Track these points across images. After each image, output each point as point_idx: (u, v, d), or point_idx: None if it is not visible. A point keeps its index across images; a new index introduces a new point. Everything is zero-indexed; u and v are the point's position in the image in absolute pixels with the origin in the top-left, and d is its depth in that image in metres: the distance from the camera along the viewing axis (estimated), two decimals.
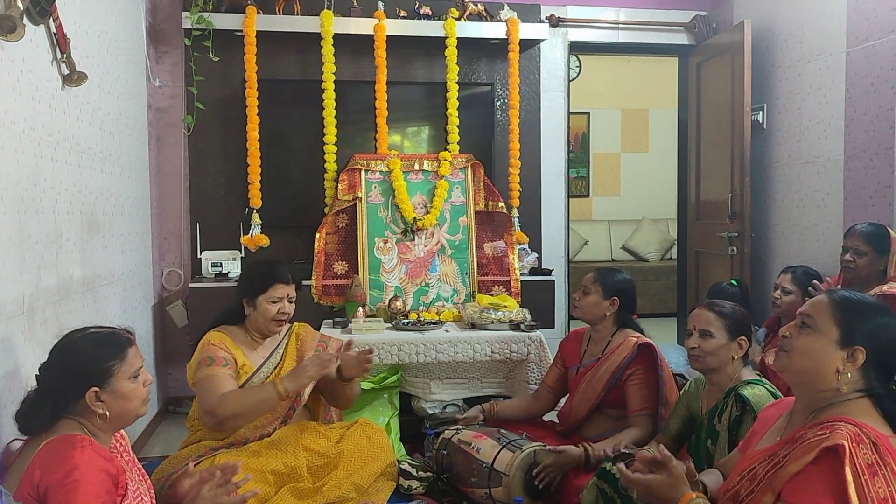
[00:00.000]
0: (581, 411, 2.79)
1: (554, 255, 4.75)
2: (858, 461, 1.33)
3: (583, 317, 2.89)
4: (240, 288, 2.66)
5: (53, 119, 2.46)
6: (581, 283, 2.91)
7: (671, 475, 1.61)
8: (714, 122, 4.69)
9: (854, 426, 1.39)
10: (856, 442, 1.35)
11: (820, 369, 1.50)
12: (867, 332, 1.48)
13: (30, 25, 2.20)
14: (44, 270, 2.33)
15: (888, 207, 3.44)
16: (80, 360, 1.68)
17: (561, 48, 4.71)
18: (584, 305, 2.85)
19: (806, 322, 1.55)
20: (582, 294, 2.87)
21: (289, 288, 2.60)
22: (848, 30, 3.71)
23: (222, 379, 2.40)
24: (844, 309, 1.51)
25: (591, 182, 7.96)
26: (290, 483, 2.39)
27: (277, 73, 4.25)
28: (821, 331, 1.51)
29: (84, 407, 1.66)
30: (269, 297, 2.55)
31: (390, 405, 3.39)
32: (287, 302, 2.60)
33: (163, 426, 3.99)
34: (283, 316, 2.58)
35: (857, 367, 1.48)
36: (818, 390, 1.51)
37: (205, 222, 4.23)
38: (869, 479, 1.32)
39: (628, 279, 2.91)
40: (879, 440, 1.37)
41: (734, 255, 4.38)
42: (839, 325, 1.50)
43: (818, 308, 1.55)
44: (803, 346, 1.53)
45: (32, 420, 1.65)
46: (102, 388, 1.67)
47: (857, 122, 3.65)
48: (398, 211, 4.01)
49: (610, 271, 2.90)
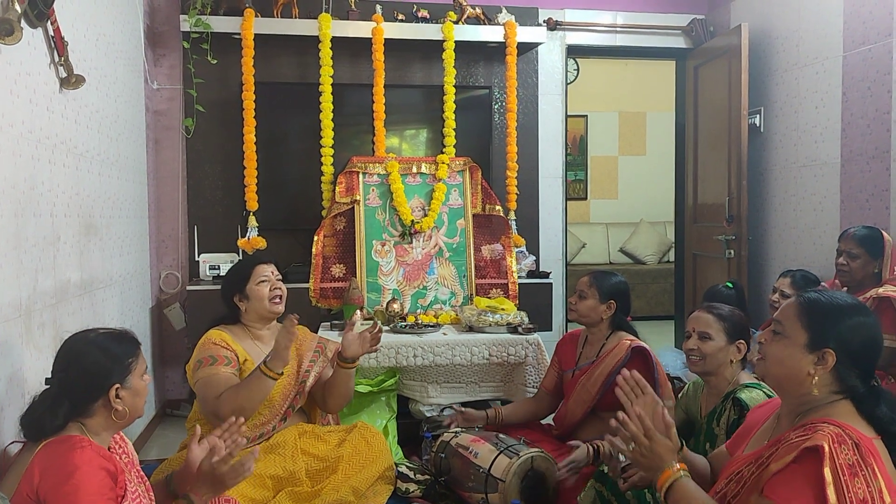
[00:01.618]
0: (576, 414, 2.79)
1: (551, 257, 4.75)
2: (839, 461, 1.34)
3: (579, 320, 2.90)
4: (225, 289, 2.67)
5: (51, 122, 2.46)
6: (576, 287, 2.91)
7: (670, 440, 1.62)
8: (711, 126, 4.71)
9: (837, 427, 1.39)
10: (838, 442, 1.36)
11: (793, 375, 1.50)
12: (836, 334, 1.48)
13: (27, 28, 2.21)
14: (41, 273, 2.32)
15: (885, 211, 3.45)
16: (103, 359, 1.69)
17: (558, 52, 4.72)
18: (581, 309, 2.85)
19: (776, 329, 1.55)
20: (578, 298, 2.87)
21: (269, 266, 2.65)
22: (845, 34, 3.72)
23: (223, 378, 2.40)
24: (812, 312, 1.51)
25: (588, 185, 7.97)
26: (288, 487, 2.39)
27: (275, 76, 4.25)
28: (790, 336, 1.52)
29: (99, 407, 1.67)
30: (255, 280, 2.59)
31: (388, 408, 3.38)
32: (275, 279, 2.62)
33: (160, 429, 3.98)
34: (277, 292, 2.61)
35: (827, 369, 1.47)
36: (797, 394, 1.51)
37: (202, 225, 4.23)
38: (849, 480, 1.32)
39: (623, 281, 2.92)
40: (862, 441, 1.37)
41: (731, 257, 4.39)
42: (807, 328, 1.50)
43: (787, 313, 1.55)
44: (775, 352, 1.54)
45: (47, 423, 1.63)
46: (123, 384, 1.69)
47: (854, 125, 3.66)
48: (396, 214, 4.01)
49: (605, 274, 2.91)
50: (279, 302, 2.62)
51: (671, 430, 1.63)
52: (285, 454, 2.44)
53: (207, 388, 2.38)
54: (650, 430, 1.61)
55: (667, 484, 1.57)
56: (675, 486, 1.56)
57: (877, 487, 1.33)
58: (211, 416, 2.36)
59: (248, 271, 2.60)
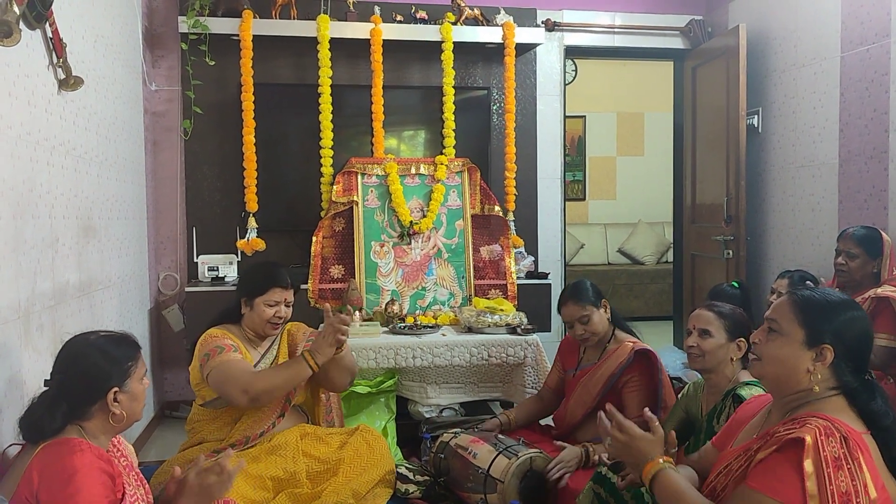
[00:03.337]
0: (576, 415, 2.79)
1: (550, 258, 4.75)
2: (824, 454, 1.34)
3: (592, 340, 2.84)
4: (239, 287, 2.68)
5: (49, 124, 2.46)
6: (575, 317, 2.80)
7: (655, 434, 1.64)
8: (709, 126, 4.71)
9: (826, 421, 1.40)
10: (825, 435, 1.37)
11: (792, 373, 1.51)
12: (832, 329, 1.49)
13: (26, 30, 2.21)
14: (39, 275, 2.32)
15: (883, 211, 3.45)
16: (102, 362, 1.68)
17: (557, 52, 4.72)
18: (592, 328, 2.79)
19: (772, 327, 1.57)
20: (583, 324, 2.79)
21: (287, 293, 2.61)
22: (842, 34, 3.73)
23: (239, 363, 2.40)
24: (807, 309, 1.52)
25: (587, 185, 7.97)
26: (288, 489, 2.39)
27: (274, 78, 4.25)
28: (787, 334, 1.53)
29: (97, 410, 1.66)
30: (266, 299, 2.55)
31: (387, 409, 3.38)
32: (284, 306, 2.60)
33: (159, 430, 3.98)
34: (279, 320, 2.59)
35: (826, 364, 1.49)
36: (793, 391, 1.53)
37: (201, 226, 4.23)
38: (832, 472, 1.33)
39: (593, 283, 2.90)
40: (851, 435, 1.38)
41: (730, 258, 4.39)
42: (803, 325, 1.51)
43: (781, 311, 1.56)
44: (772, 351, 1.55)
45: (46, 425, 1.62)
46: (121, 388, 1.68)
47: (852, 125, 3.67)
48: (395, 215, 4.01)
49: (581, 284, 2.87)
50: (277, 326, 2.61)
51: (653, 423, 1.66)
52: (286, 455, 2.43)
53: (227, 373, 2.36)
54: (624, 425, 1.64)
55: (650, 476, 1.59)
56: (659, 476, 1.57)
57: (862, 481, 1.34)
58: (240, 394, 2.32)
59: (265, 287, 2.56)
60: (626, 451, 1.63)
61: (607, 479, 1.98)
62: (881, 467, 1.41)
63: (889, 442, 1.44)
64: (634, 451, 1.62)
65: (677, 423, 2.46)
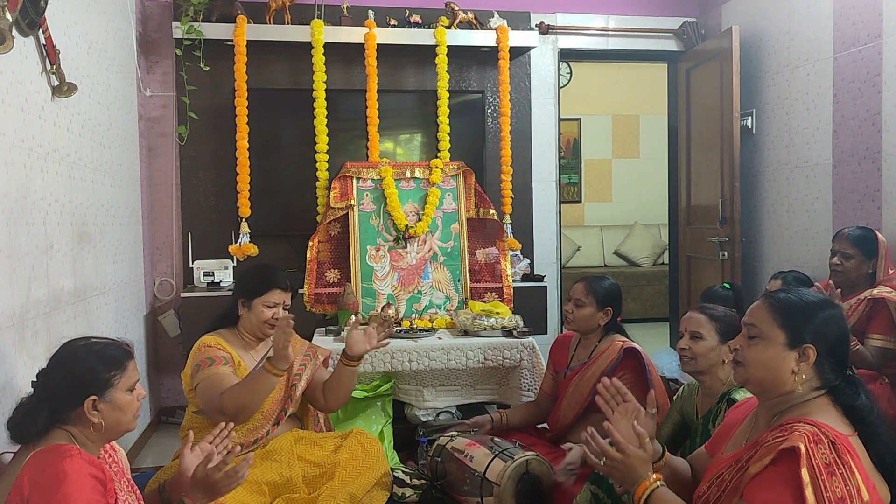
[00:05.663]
0: (569, 416, 2.79)
1: (546, 261, 4.76)
2: (816, 461, 1.34)
3: (578, 329, 2.87)
4: (237, 288, 2.68)
5: (43, 130, 2.46)
6: (571, 295, 2.86)
7: (645, 451, 1.62)
8: (704, 128, 4.72)
9: (812, 426, 1.40)
10: (814, 442, 1.37)
11: (777, 375, 1.51)
12: (813, 329, 1.50)
13: (19, 37, 2.21)
14: (34, 282, 2.32)
15: (877, 211, 3.46)
16: (82, 368, 1.67)
17: (551, 55, 4.73)
18: (580, 318, 2.82)
19: (752, 332, 1.56)
20: (574, 307, 2.84)
21: (285, 295, 2.62)
22: (835, 35, 3.74)
23: (225, 377, 2.40)
24: (785, 310, 1.53)
25: (582, 188, 7.99)
26: (285, 493, 2.38)
27: (268, 83, 4.26)
28: (767, 337, 1.53)
29: (79, 416, 1.65)
30: (264, 300, 2.56)
31: (383, 413, 3.38)
32: (282, 309, 2.60)
33: (155, 437, 3.97)
34: (276, 321, 2.59)
35: (810, 364, 1.49)
36: (779, 394, 1.53)
37: (196, 232, 4.23)
38: (826, 479, 1.33)
39: (615, 284, 2.89)
40: (838, 439, 1.38)
41: (725, 259, 4.40)
42: (783, 327, 1.51)
43: (759, 315, 1.56)
44: (755, 356, 1.54)
45: (27, 426, 1.63)
46: (101, 397, 1.67)
47: (845, 126, 3.68)
48: (390, 218, 4.01)
49: (599, 280, 2.87)
50: (273, 328, 2.61)
51: (644, 439, 1.64)
52: (281, 460, 2.43)
53: (211, 388, 2.37)
54: (621, 444, 1.62)
55: (644, 496, 1.58)
56: (653, 497, 1.57)
57: (854, 485, 1.34)
58: (216, 413, 2.34)
59: (263, 289, 2.57)
60: (622, 469, 1.62)
61: (605, 480, 1.98)
62: (870, 469, 1.41)
63: (874, 438, 1.45)
64: (629, 469, 1.61)
65: (673, 425, 2.46)
